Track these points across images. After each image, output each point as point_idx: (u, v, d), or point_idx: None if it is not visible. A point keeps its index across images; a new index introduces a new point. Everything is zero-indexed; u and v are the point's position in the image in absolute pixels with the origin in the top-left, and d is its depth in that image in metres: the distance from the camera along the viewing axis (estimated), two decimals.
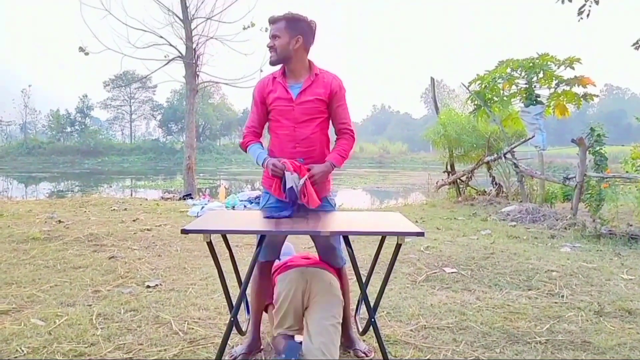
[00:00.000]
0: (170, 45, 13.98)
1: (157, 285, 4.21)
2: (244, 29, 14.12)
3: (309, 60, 2.80)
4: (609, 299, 3.97)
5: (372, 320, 2.40)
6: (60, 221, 7.16)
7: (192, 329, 3.24)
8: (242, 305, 2.97)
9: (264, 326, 3.06)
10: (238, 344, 2.95)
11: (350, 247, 2.47)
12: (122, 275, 4.48)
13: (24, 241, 5.76)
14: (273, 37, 2.72)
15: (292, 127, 2.72)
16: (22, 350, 2.86)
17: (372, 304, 2.62)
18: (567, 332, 3.29)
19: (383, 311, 3.61)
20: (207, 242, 2.36)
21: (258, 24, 14.14)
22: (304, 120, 2.72)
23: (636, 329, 3.35)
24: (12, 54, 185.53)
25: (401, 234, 2.22)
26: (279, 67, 2.82)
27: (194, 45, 13.89)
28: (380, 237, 2.72)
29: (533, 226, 7.54)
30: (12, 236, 5.99)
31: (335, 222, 2.58)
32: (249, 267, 2.38)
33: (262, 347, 2.90)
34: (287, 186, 2.50)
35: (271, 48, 2.73)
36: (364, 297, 2.48)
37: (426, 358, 2.87)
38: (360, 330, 2.92)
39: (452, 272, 4.66)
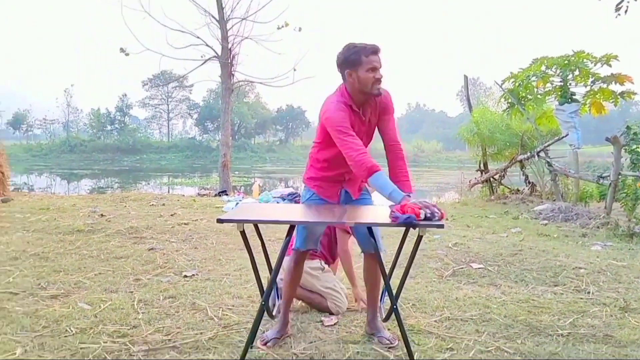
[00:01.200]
0: (207, 45, 14.36)
1: (193, 275, 4.43)
2: (278, 28, 14.39)
3: None
4: (636, 295, 3.99)
5: (395, 307, 2.53)
6: (102, 215, 7.50)
7: (226, 315, 3.44)
8: (273, 292, 3.15)
9: (292, 314, 3.23)
10: (269, 329, 3.13)
11: (374, 237, 2.61)
12: (161, 266, 4.72)
13: (69, 233, 6.09)
14: (380, 69, 2.72)
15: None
16: (71, 330, 3.10)
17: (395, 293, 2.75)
18: (590, 326, 3.35)
19: (409, 303, 3.74)
20: (241, 232, 2.54)
21: (292, 24, 14.36)
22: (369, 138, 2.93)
23: None
24: (55, 54, 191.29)
25: (421, 226, 2.35)
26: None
27: (230, 45, 14.20)
28: (403, 230, 2.85)
29: (565, 225, 7.51)
30: (58, 228, 6.33)
31: (362, 214, 2.72)
32: (279, 255, 2.55)
33: (291, 332, 3.08)
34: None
35: (380, 78, 2.73)
36: (386, 286, 2.62)
37: (448, 346, 2.99)
38: (384, 317, 3.05)
39: (478, 268, 4.74)
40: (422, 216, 2.28)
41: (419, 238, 2.48)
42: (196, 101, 70.10)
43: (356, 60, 2.70)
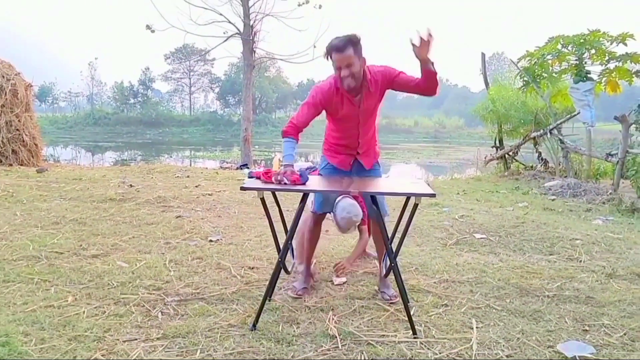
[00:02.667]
0: (229, 22, 14.63)
1: (218, 239, 4.87)
2: (299, 5, 14.61)
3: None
4: (624, 264, 4.31)
5: (393, 264, 2.91)
6: (131, 185, 7.98)
7: (248, 273, 3.87)
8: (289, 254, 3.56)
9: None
10: (284, 285, 3.56)
11: (377, 205, 2.98)
12: (188, 231, 5.16)
13: (102, 201, 6.58)
14: (348, 65, 2.90)
15: (356, 126, 3.24)
16: (113, 283, 3.56)
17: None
18: (575, 289, 3.70)
19: (412, 267, 4.12)
20: (261, 199, 2.93)
21: (312, 0, 14.55)
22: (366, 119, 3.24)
23: None
24: (79, 28, 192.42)
25: (415, 195, 2.71)
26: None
27: (251, 22, 14.47)
28: (404, 199, 3.22)
29: (572, 200, 7.78)
30: (92, 197, 6.82)
31: (367, 185, 3.09)
32: (294, 218, 2.94)
33: (314, 283, 3.54)
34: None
35: (348, 76, 2.93)
36: (386, 246, 3.00)
37: (443, 303, 3.38)
38: (384, 273, 3.44)
39: (481, 238, 5.10)
40: (273, 180, 2.85)
41: (415, 206, 2.84)
42: (218, 75, 70.47)
43: (329, 57, 3.01)
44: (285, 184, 2.76)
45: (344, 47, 2.88)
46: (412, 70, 3.05)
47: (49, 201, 6.53)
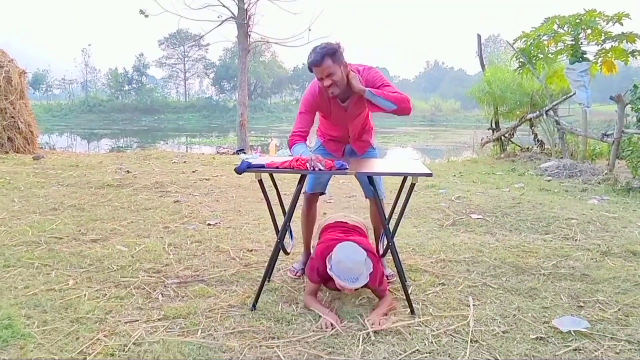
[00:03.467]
0: (224, 6, 14.53)
1: (216, 223, 4.89)
2: None
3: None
4: (619, 242, 4.36)
5: (391, 243, 2.94)
6: (128, 171, 7.99)
7: (247, 256, 3.91)
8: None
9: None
10: (283, 267, 3.59)
11: (374, 186, 3.00)
12: (187, 216, 5.19)
13: (100, 187, 6.59)
14: (328, 75, 2.92)
15: (344, 124, 3.28)
16: (113, 267, 3.59)
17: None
18: (570, 267, 3.75)
19: (409, 247, 4.16)
20: (258, 180, 2.95)
21: None
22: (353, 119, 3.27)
23: (635, 267, 3.76)
24: (72, 14, 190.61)
25: (412, 175, 2.73)
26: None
27: (246, 6, 14.37)
28: (401, 180, 3.23)
29: (568, 181, 7.83)
30: (89, 183, 6.83)
31: (364, 166, 3.11)
32: (292, 199, 2.96)
33: None
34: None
35: (330, 85, 2.95)
36: (383, 226, 3.03)
37: (440, 282, 3.42)
38: (381, 253, 3.47)
39: (477, 218, 5.14)
40: (308, 166, 2.72)
41: (412, 186, 2.87)
42: (212, 60, 70.08)
43: (311, 71, 3.04)
44: (320, 169, 2.73)
45: (322, 61, 2.91)
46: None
47: (46, 188, 6.53)
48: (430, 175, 2.73)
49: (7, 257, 3.74)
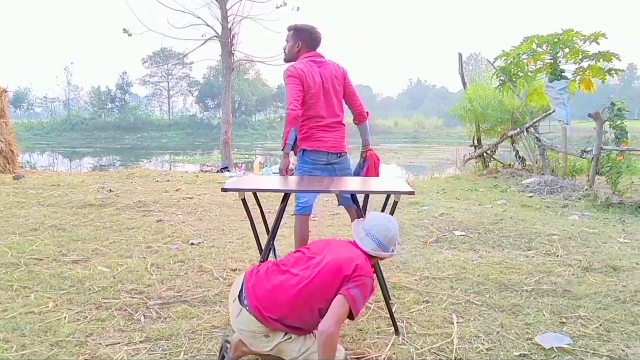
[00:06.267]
0: (207, 25, 14.58)
1: (199, 242, 4.86)
2: (277, 7, 14.62)
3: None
4: (599, 258, 4.42)
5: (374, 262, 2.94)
6: (110, 190, 7.91)
7: (230, 275, 3.88)
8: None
9: None
10: None
11: (357, 203, 3.01)
12: (169, 235, 5.15)
13: (82, 207, 6.51)
14: (286, 41, 3.57)
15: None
16: (94, 288, 3.54)
17: None
18: (552, 283, 3.79)
19: (393, 264, 4.17)
20: (242, 199, 2.94)
21: (290, 3, 14.60)
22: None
23: (615, 282, 3.81)
24: (54, 32, 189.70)
25: (394, 193, 2.76)
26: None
27: (229, 25, 14.45)
28: (385, 197, 3.25)
29: (550, 197, 7.92)
30: (71, 202, 6.75)
31: (347, 184, 3.12)
32: (275, 218, 2.96)
33: None
34: None
35: (283, 50, 3.62)
36: None
37: (424, 299, 3.42)
38: None
39: (460, 235, 5.17)
40: None
41: (395, 203, 2.88)
42: (196, 78, 70.02)
43: None
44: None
45: (288, 28, 3.59)
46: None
47: (26, 208, 6.44)
48: (412, 193, 2.76)
49: None
